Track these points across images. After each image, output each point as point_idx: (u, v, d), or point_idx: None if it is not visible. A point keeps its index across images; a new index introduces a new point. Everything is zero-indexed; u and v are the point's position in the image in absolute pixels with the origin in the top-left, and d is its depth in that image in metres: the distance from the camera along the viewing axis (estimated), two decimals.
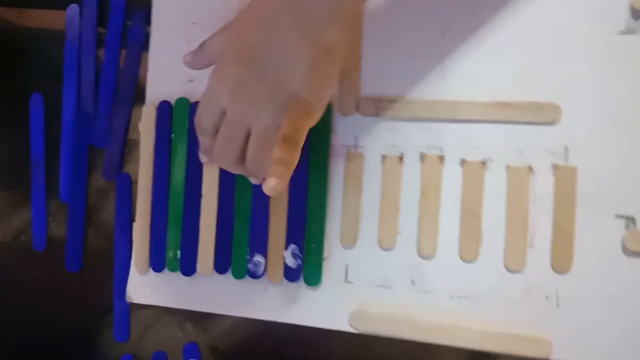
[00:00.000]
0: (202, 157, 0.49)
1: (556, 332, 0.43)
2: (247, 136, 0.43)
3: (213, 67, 0.44)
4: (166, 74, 0.51)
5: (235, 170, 0.45)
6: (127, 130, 0.53)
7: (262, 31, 0.41)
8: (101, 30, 0.53)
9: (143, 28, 0.53)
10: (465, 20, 0.46)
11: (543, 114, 0.44)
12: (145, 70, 0.52)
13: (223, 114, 0.43)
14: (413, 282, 0.46)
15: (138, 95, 0.53)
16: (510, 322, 0.44)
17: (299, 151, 0.41)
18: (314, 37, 0.40)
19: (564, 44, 0.44)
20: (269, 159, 0.41)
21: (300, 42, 0.40)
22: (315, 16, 0.40)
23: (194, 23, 0.51)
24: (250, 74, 0.41)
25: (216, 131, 0.44)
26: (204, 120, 0.45)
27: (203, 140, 0.46)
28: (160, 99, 0.51)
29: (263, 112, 0.41)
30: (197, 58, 0.46)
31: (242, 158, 0.44)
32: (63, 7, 0.54)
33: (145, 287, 0.51)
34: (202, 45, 0.46)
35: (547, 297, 0.44)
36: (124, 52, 0.53)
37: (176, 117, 0.51)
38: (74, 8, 0.54)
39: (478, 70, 0.46)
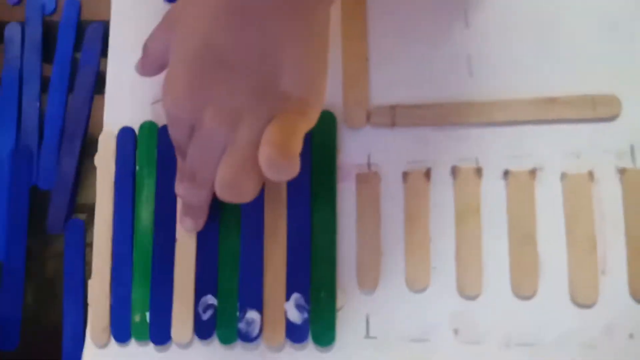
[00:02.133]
0: (186, 222, 0.40)
1: None
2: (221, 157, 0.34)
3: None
4: (127, 96, 0.43)
5: (205, 196, 0.38)
6: (77, 167, 0.44)
7: (228, 27, 0.32)
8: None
9: (98, 44, 0.45)
10: (492, 6, 0.40)
11: (599, 109, 0.37)
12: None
13: (192, 127, 0.35)
14: (456, 332, 0.37)
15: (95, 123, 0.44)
16: None
17: (297, 162, 0.32)
18: (300, 22, 0.32)
19: (620, 24, 0.38)
20: (250, 184, 0.33)
21: (288, 29, 0.32)
22: None
23: None
24: (221, 81, 0.33)
25: None
26: (175, 138, 0.37)
27: (178, 138, 0.37)
28: (121, 125, 0.43)
29: (244, 128, 0.33)
30: (145, 64, 0.38)
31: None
32: None
33: None
34: (145, 46, 0.38)
35: (631, 335, 0.35)
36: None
37: (141, 145, 0.42)
38: (13, 27, 0.46)
39: (513, 63, 0.39)
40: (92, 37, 0.45)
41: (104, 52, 0.45)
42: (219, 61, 0.33)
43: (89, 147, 0.44)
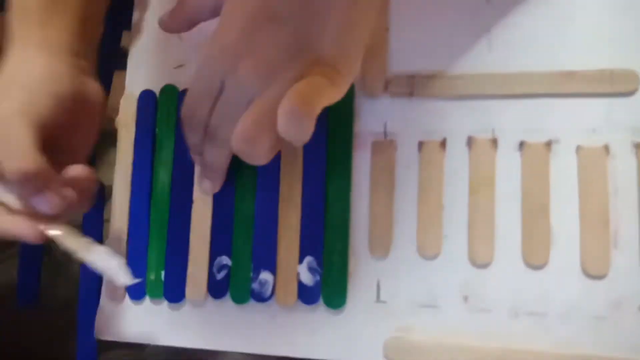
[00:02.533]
0: (205, 185, 0.41)
1: None
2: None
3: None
4: (149, 59, 0.44)
5: (224, 159, 0.38)
6: None
7: None
8: None
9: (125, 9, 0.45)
10: None
11: (617, 84, 0.37)
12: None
13: (222, 81, 0.36)
14: (465, 299, 0.37)
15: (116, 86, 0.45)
16: (595, 343, 0.35)
17: (313, 122, 0.32)
18: None
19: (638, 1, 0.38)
20: (266, 141, 0.33)
21: None
22: None
23: None
24: (265, 37, 0.34)
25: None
26: (198, 106, 0.37)
27: (193, 137, 0.39)
28: (142, 88, 0.43)
29: (275, 82, 0.34)
30: (176, 16, 0.40)
31: None
32: None
33: (119, 319, 0.41)
34: (182, 2, 0.39)
35: None
36: None
37: (161, 108, 0.43)
38: None
39: (532, 37, 0.39)
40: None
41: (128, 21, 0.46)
42: (271, 15, 0.34)
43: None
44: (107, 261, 0.37)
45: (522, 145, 0.38)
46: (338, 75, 0.35)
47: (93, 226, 0.43)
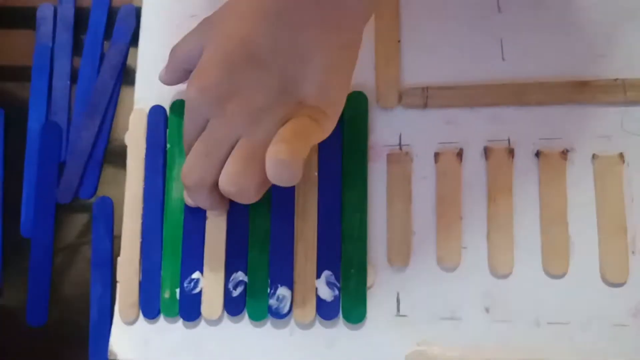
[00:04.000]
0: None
1: None
2: (228, 153, 0.36)
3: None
4: (159, 73, 0.44)
5: (204, 197, 0.38)
6: (99, 142, 0.45)
7: (268, 29, 0.35)
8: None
9: (131, 22, 0.46)
10: None
11: (630, 93, 0.39)
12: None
13: (207, 120, 0.37)
14: (487, 310, 0.38)
15: (126, 100, 0.45)
16: (617, 351, 0.36)
17: (301, 167, 0.34)
18: (336, 34, 0.35)
19: None
20: (254, 183, 0.35)
21: (319, 41, 0.35)
22: (345, 10, 0.35)
23: (192, 16, 0.44)
24: (247, 80, 0.35)
25: None
26: (186, 135, 0.38)
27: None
28: (152, 103, 0.44)
29: (261, 125, 0.35)
30: (171, 70, 0.41)
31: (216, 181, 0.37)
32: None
33: (133, 339, 0.41)
34: (172, 51, 0.40)
35: None
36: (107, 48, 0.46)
37: (172, 123, 0.43)
38: (46, 8, 0.47)
39: (545, 47, 0.40)
40: (124, 17, 0.46)
41: (134, 38, 0.46)
42: (252, 58, 0.35)
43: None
44: None
45: (538, 154, 0.39)
46: (323, 115, 0.36)
47: (103, 243, 0.43)
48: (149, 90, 0.44)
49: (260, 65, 0.35)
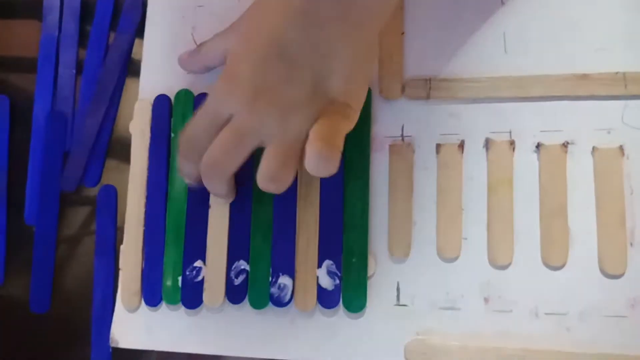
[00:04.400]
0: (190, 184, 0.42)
1: None
2: (256, 147, 0.37)
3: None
4: (164, 63, 0.45)
5: (220, 186, 0.39)
6: (104, 131, 0.45)
7: (297, 25, 0.36)
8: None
9: (137, 12, 0.46)
10: None
11: (630, 86, 0.39)
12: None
13: (229, 117, 0.37)
14: (486, 300, 0.39)
15: (129, 91, 0.46)
16: (616, 342, 0.37)
17: (339, 160, 0.36)
18: (358, 30, 0.37)
19: None
20: (291, 177, 0.37)
21: (343, 36, 0.36)
22: (368, 9, 0.37)
23: (199, 6, 0.45)
24: (278, 76, 0.36)
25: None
26: (198, 136, 0.38)
27: (188, 167, 0.40)
28: (157, 93, 0.44)
29: (292, 121, 0.36)
30: (194, 59, 0.43)
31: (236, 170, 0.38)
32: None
33: (135, 327, 0.42)
34: (200, 46, 0.42)
35: None
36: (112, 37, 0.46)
37: (177, 113, 0.44)
38: None
39: (547, 40, 0.41)
40: (130, 8, 0.47)
41: (140, 29, 0.46)
42: (282, 55, 0.36)
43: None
44: None
45: (538, 146, 0.40)
46: (350, 109, 0.38)
47: (106, 231, 0.44)
48: (154, 80, 0.45)
49: (291, 61, 0.36)
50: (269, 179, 0.37)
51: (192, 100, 0.44)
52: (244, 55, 0.37)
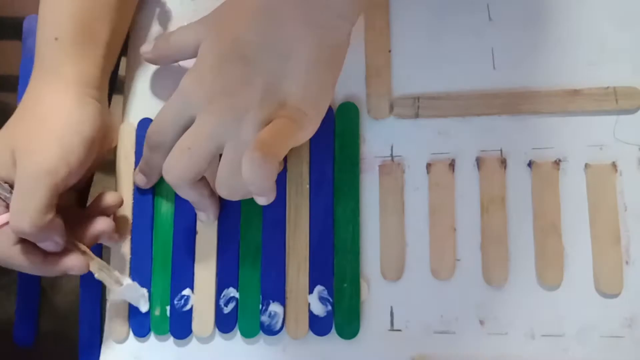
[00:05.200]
0: (139, 178, 0.42)
1: None
2: (215, 153, 0.37)
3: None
4: (148, 86, 0.44)
5: (186, 192, 0.39)
6: None
7: (257, 24, 0.36)
8: None
9: None
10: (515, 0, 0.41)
11: (621, 101, 0.39)
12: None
13: (191, 124, 0.37)
14: (482, 323, 0.38)
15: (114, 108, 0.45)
16: None
17: (277, 167, 0.34)
18: (320, 33, 0.36)
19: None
20: (242, 185, 0.35)
21: (304, 37, 0.36)
22: (330, 9, 0.36)
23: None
24: (235, 77, 0.36)
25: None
26: (163, 131, 0.38)
27: (152, 156, 0.40)
28: (141, 117, 0.44)
29: (245, 124, 0.36)
30: (160, 50, 0.41)
31: (199, 178, 0.38)
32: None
33: (124, 358, 0.41)
34: (167, 37, 0.41)
35: None
36: None
37: None
38: (32, 19, 0.47)
39: (536, 56, 0.41)
40: None
41: (123, 48, 0.46)
42: (242, 56, 0.36)
43: None
44: (135, 291, 0.40)
45: (530, 164, 0.39)
46: (305, 117, 0.37)
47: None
48: (139, 104, 0.45)
49: (248, 63, 0.36)
50: (218, 186, 0.37)
51: None
52: (208, 54, 0.37)
